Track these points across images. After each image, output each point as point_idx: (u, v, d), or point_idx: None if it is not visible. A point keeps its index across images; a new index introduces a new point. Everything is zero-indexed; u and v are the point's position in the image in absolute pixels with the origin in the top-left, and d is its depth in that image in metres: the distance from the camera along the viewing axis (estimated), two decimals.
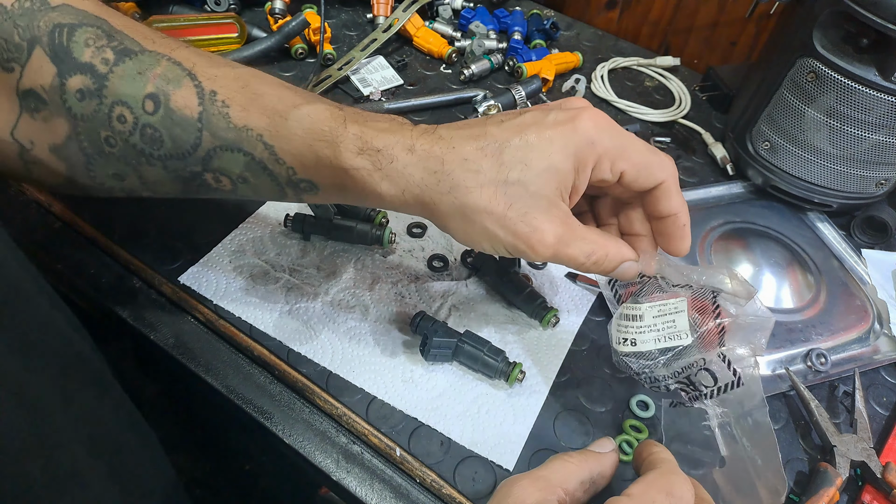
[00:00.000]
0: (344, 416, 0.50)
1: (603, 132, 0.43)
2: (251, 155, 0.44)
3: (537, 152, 0.42)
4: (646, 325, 0.46)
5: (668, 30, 1.01)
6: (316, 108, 0.43)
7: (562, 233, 0.43)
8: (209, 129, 0.43)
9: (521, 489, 0.38)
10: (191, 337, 0.54)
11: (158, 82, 0.43)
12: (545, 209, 0.42)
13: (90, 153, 0.44)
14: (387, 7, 0.88)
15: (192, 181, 0.45)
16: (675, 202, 0.46)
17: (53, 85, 0.42)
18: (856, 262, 0.70)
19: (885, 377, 0.60)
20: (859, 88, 0.62)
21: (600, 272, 0.46)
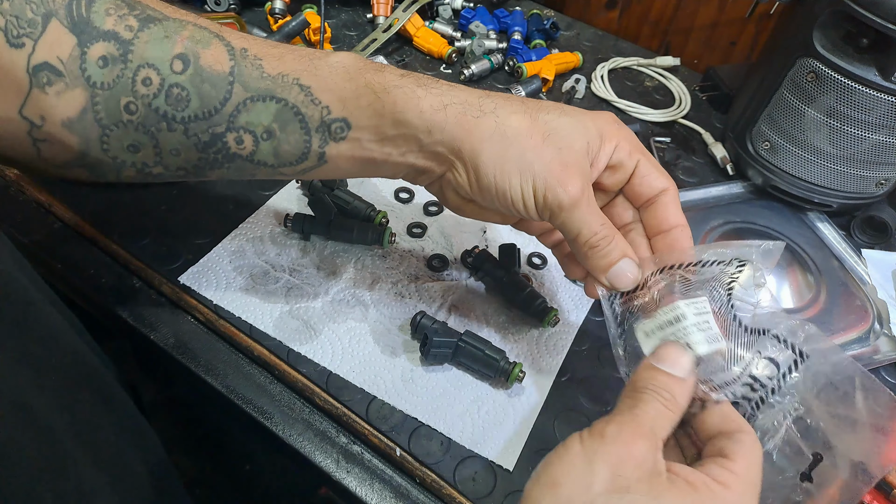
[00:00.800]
0: (344, 415, 0.50)
1: (626, 126, 0.47)
2: (284, 101, 0.44)
3: (572, 111, 0.45)
4: (691, 323, 0.41)
5: (668, 30, 1.01)
6: (350, 53, 0.45)
7: (587, 188, 0.44)
8: (241, 81, 0.43)
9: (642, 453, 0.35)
10: (191, 337, 0.54)
11: (187, 43, 0.43)
12: (576, 156, 0.44)
13: (106, 124, 0.44)
14: (387, 7, 0.88)
15: (212, 145, 0.45)
16: (679, 214, 0.47)
17: (73, 55, 0.42)
18: (856, 262, 0.70)
19: (885, 377, 0.60)
20: (859, 88, 0.62)
21: (601, 260, 0.45)
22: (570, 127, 0.44)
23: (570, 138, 0.44)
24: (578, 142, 0.44)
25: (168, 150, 0.45)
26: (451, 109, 0.43)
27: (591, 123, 0.45)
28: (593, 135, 0.45)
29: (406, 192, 0.68)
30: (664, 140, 0.81)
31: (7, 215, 0.61)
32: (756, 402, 0.41)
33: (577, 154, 0.44)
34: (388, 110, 0.44)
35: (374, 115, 0.44)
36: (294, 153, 0.46)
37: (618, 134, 0.46)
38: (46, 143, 0.44)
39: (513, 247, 0.61)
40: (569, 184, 0.43)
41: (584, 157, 0.44)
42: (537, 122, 0.44)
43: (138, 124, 0.44)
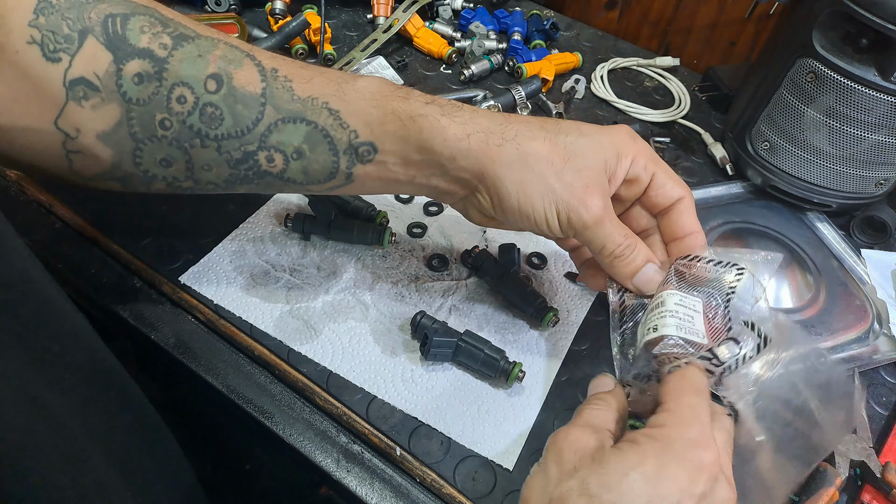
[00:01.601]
0: (344, 415, 0.50)
1: (640, 140, 0.49)
2: (314, 123, 0.45)
3: (589, 130, 0.47)
4: (668, 310, 0.45)
5: (668, 30, 1.01)
6: (380, 78, 0.48)
7: (608, 205, 0.46)
8: (272, 102, 0.45)
9: (580, 439, 0.39)
10: (191, 336, 0.54)
11: (220, 63, 0.44)
12: (595, 176, 0.46)
13: (140, 138, 0.45)
14: (387, 7, 0.88)
15: (243, 162, 0.46)
16: (694, 221, 0.50)
17: (109, 71, 0.43)
18: (855, 262, 0.70)
19: (884, 377, 0.60)
20: (859, 88, 0.62)
21: (626, 267, 0.47)
22: (589, 147, 0.46)
23: (588, 158, 0.46)
24: (597, 161, 0.46)
25: (200, 165, 0.46)
26: (474, 138, 0.45)
27: (608, 141, 0.47)
28: (610, 153, 0.46)
29: None
30: (664, 140, 0.82)
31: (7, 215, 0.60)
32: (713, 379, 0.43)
33: (597, 173, 0.46)
34: (413, 137, 0.45)
35: (400, 141, 0.46)
36: (323, 172, 0.47)
37: (634, 149, 0.48)
38: (79, 154, 0.45)
39: (513, 247, 0.61)
40: (590, 203, 0.45)
41: (602, 176, 0.46)
42: (557, 146, 0.45)
43: (172, 140, 0.45)
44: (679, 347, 0.43)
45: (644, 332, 0.45)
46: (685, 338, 0.43)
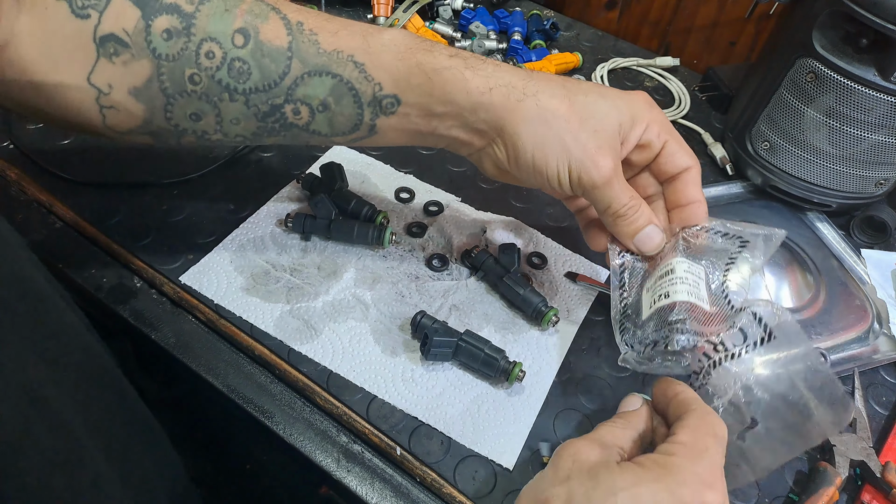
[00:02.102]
0: (344, 415, 0.50)
1: (656, 107, 0.50)
2: (339, 76, 0.46)
3: (609, 93, 0.49)
4: (678, 277, 0.47)
5: (668, 30, 1.01)
6: (403, 31, 0.48)
7: (618, 166, 0.48)
8: (299, 56, 0.46)
9: (582, 451, 0.39)
10: (192, 336, 0.54)
11: (246, 17, 0.45)
12: (609, 137, 0.47)
13: (171, 93, 0.46)
14: (387, 7, 0.88)
15: (271, 115, 0.47)
16: (698, 191, 0.52)
17: (138, 28, 0.44)
18: (855, 262, 0.70)
19: (884, 377, 0.60)
20: (859, 88, 0.62)
21: (629, 227, 0.49)
22: (606, 109, 0.47)
23: (604, 120, 0.47)
24: (612, 124, 0.47)
25: (229, 119, 0.47)
26: (496, 91, 0.46)
27: (625, 105, 0.48)
28: (626, 117, 0.48)
29: (406, 192, 0.68)
30: None
31: (7, 215, 0.61)
32: (715, 361, 0.44)
33: (610, 135, 0.47)
34: (437, 90, 0.47)
35: (424, 94, 0.47)
36: (347, 124, 0.48)
37: (649, 116, 0.49)
38: (113, 110, 0.46)
39: (513, 247, 0.61)
40: (601, 164, 0.47)
41: (616, 138, 0.48)
42: (575, 105, 0.47)
43: (202, 94, 0.46)
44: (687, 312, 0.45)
45: (654, 299, 0.47)
46: (693, 303, 0.45)
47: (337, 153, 0.72)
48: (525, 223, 0.66)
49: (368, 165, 0.70)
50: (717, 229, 0.49)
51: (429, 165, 0.72)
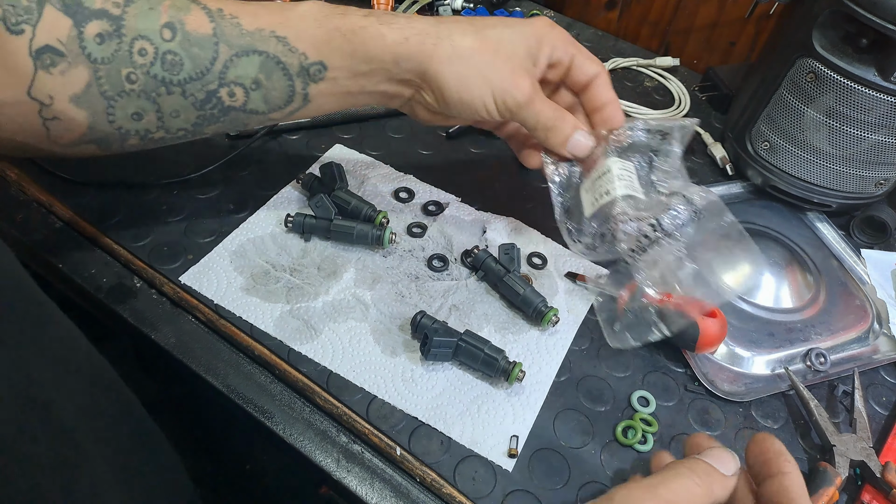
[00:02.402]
0: (344, 415, 0.50)
1: (558, 27, 0.55)
2: (265, 53, 0.49)
3: (510, 23, 0.53)
4: (615, 175, 0.53)
5: (668, 30, 1.01)
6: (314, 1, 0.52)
7: (535, 85, 0.53)
8: (224, 40, 0.48)
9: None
10: (191, 336, 0.54)
11: (170, 12, 0.48)
12: (521, 61, 0.52)
13: (111, 95, 0.48)
14: (387, 7, 0.88)
15: (208, 102, 0.50)
16: (610, 92, 0.57)
17: (71, 35, 0.45)
18: (855, 262, 0.70)
19: (884, 377, 0.60)
20: (859, 88, 0.62)
21: (558, 137, 0.54)
22: (514, 37, 0.52)
23: (514, 47, 0.52)
24: (521, 49, 0.52)
25: (168, 112, 0.49)
26: (412, 40, 0.50)
27: (530, 31, 0.53)
28: (532, 41, 0.53)
29: (406, 192, 0.68)
30: None
31: (7, 215, 0.61)
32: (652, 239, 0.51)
33: (523, 59, 0.52)
34: (358, 50, 0.50)
35: (346, 56, 0.50)
36: (282, 97, 0.51)
37: (553, 36, 0.54)
38: (56, 121, 0.47)
39: (513, 247, 0.61)
40: (521, 85, 0.52)
41: (528, 61, 0.53)
42: (486, 40, 0.51)
43: (140, 92, 0.48)
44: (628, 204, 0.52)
45: (596, 197, 0.54)
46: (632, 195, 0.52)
47: (337, 153, 0.72)
48: (525, 223, 0.66)
49: (368, 165, 0.70)
50: (640, 127, 0.55)
51: (429, 165, 0.72)
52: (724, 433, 0.53)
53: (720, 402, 0.55)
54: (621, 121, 0.57)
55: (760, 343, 0.60)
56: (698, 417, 0.54)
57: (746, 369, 0.58)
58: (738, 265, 0.53)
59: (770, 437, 0.40)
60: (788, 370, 0.57)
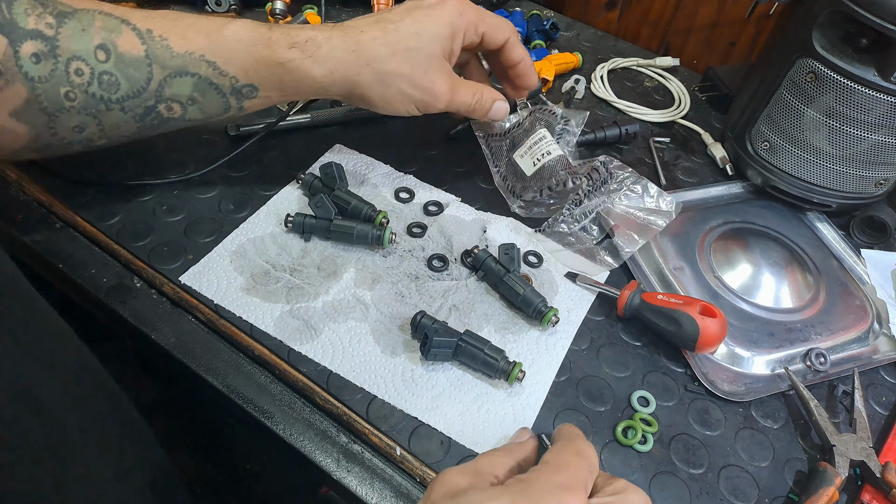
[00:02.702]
0: (344, 415, 0.50)
1: (466, 6, 0.58)
2: (197, 75, 0.52)
3: (425, 25, 0.56)
4: (548, 140, 0.66)
5: (668, 30, 1.01)
6: (244, 22, 0.53)
7: (452, 83, 0.58)
8: (157, 62, 0.50)
9: (452, 479, 0.39)
10: (191, 336, 0.54)
11: (102, 34, 0.49)
12: (438, 68, 0.57)
13: (51, 111, 0.49)
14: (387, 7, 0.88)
15: (147, 115, 0.52)
16: (520, 51, 0.63)
17: (7, 55, 0.46)
18: (855, 262, 0.70)
19: (884, 377, 0.60)
20: (858, 88, 0.62)
21: (481, 112, 0.61)
22: (429, 45, 0.55)
23: (429, 52, 0.56)
24: (437, 50, 0.56)
25: (110, 126, 0.51)
26: (337, 73, 0.54)
27: (442, 29, 0.56)
28: (446, 40, 0.56)
29: (406, 192, 0.68)
30: (664, 140, 0.82)
31: (7, 215, 0.61)
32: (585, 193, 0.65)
33: (439, 63, 0.57)
34: (286, 81, 0.54)
35: (276, 82, 0.54)
36: (218, 110, 0.55)
37: (463, 23, 0.58)
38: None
39: (513, 247, 0.61)
40: (439, 92, 0.57)
41: (443, 62, 0.57)
42: (403, 59, 0.55)
43: (80, 108, 0.49)
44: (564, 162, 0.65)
45: (537, 159, 0.66)
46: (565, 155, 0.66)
47: (337, 153, 0.72)
48: (525, 223, 0.66)
49: (368, 165, 0.70)
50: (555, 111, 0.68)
51: (429, 165, 0.72)
52: (723, 433, 0.53)
53: (720, 402, 0.55)
54: (533, 76, 0.66)
55: (760, 343, 0.60)
56: (698, 417, 0.54)
57: (746, 369, 0.58)
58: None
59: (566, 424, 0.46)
60: (788, 370, 0.57)
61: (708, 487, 0.50)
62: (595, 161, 0.66)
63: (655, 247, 0.65)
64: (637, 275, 0.64)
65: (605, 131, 0.78)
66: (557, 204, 0.67)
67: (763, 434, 0.54)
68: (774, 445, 0.53)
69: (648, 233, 0.64)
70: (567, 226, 0.65)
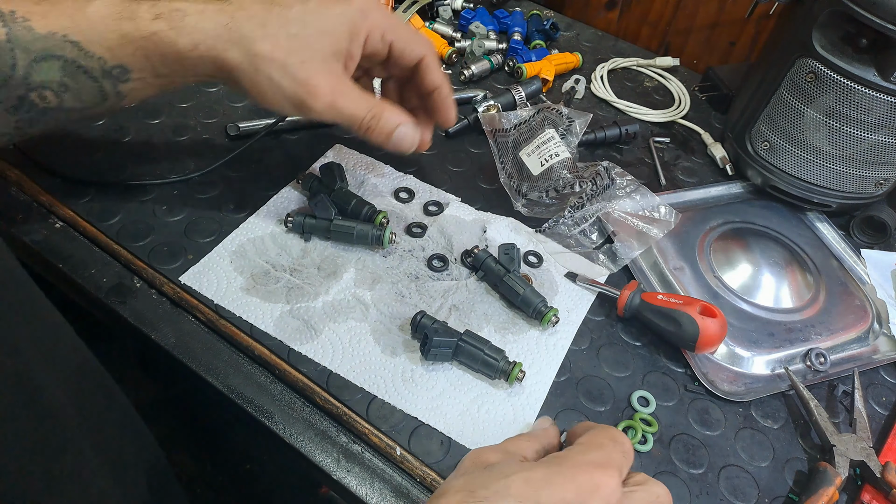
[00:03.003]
0: (344, 415, 0.50)
1: (375, 10, 0.52)
2: (63, 57, 0.47)
3: (317, 16, 0.50)
4: (556, 141, 0.66)
5: (668, 30, 1.01)
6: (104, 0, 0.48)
7: (338, 87, 0.50)
8: (19, 45, 0.46)
9: (481, 453, 0.40)
10: (192, 337, 0.54)
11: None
12: (321, 63, 0.50)
13: None
14: (387, 8, 0.88)
15: (21, 107, 0.48)
16: (437, 75, 0.56)
17: None
18: (855, 262, 0.70)
19: (884, 377, 0.60)
20: (858, 88, 0.62)
21: (380, 136, 0.53)
22: (316, 37, 0.49)
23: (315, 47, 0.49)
24: (325, 48, 0.49)
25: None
26: (203, 47, 0.48)
27: (339, 25, 0.50)
28: (342, 37, 0.50)
29: (406, 192, 0.68)
30: (663, 140, 0.82)
31: (7, 215, 0.61)
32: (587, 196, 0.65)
33: (324, 60, 0.50)
34: (153, 56, 0.49)
35: (144, 59, 0.49)
36: (95, 97, 0.50)
37: (366, 26, 0.51)
38: None
39: (513, 247, 0.61)
40: (318, 92, 0.49)
41: (331, 61, 0.50)
42: (280, 43, 0.49)
43: None
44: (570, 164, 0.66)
45: (545, 159, 0.65)
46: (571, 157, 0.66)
47: (337, 153, 0.72)
48: (525, 223, 0.66)
49: (368, 165, 0.70)
50: (561, 111, 0.68)
51: (429, 165, 0.72)
52: (723, 433, 0.53)
53: (720, 402, 0.55)
54: (451, 112, 0.58)
55: (760, 343, 0.60)
56: (698, 417, 0.54)
57: (746, 369, 0.58)
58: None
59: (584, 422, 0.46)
60: (788, 370, 0.57)
61: (708, 487, 0.50)
62: (598, 166, 0.66)
63: (655, 247, 0.65)
64: (637, 275, 0.64)
65: (605, 131, 0.78)
66: (557, 205, 0.66)
67: (763, 434, 0.54)
68: (774, 445, 0.53)
69: (647, 240, 0.64)
70: (567, 228, 0.65)
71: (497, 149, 0.68)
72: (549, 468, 0.36)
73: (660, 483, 0.39)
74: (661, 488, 0.38)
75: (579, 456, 0.37)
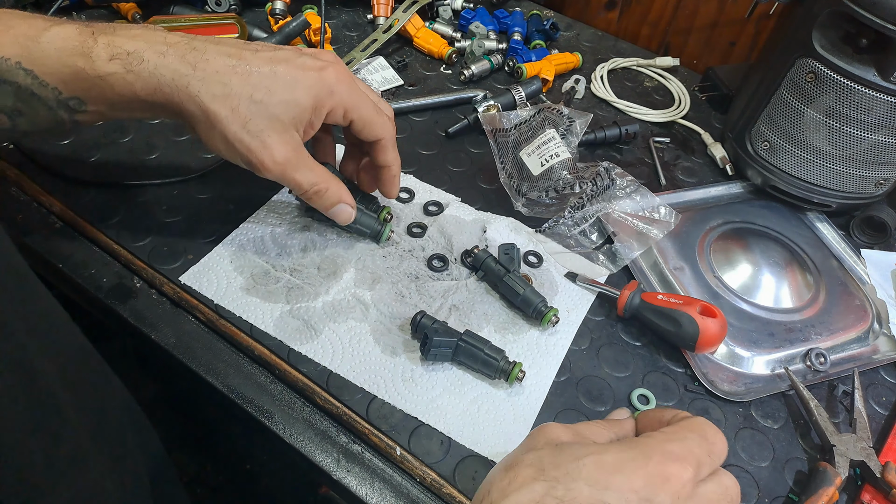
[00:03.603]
0: (344, 415, 0.50)
1: (343, 86, 0.52)
2: (16, 83, 0.46)
3: (282, 84, 0.49)
4: (557, 142, 0.67)
5: (668, 30, 1.01)
6: (64, 27, 0.47)
7: (291, 157, 0.50)
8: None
9: (555, 431, 0.39)
10: (192, 336, 0.54)
11: None
12: (279, 132, 0.49)
13: None
14: (387, 8, 0.88)
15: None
16: (389, 156, 0.57)
17: None
18: (855, 262, 0.70)
19: (884, 377, 0.60)
20: (858, 88, 0.62)
21: (320, 206, 0.55)
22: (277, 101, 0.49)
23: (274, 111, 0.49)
24: (286, 114, 0.49)
25: None
26: (159, 93, 0.47)
27: (303, 96, 0.50)
28: (304, 108, 0.50)
29: (406, 192, 0.68)
30: (663, 140, 0.82)
31: (7, 215, 0.61)
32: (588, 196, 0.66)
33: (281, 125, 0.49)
34: (109, 94, 0.48)
35: (99, 97, 0.48)
36: (50, 122, 0.49)
37: (331, 102, 0.51)
38: None
39: (513, 247, 0.61)
40: (269, 160, 0.49)
41: (291, 128, 0.50)
42: (238, 110, 0.48)
43: None
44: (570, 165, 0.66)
45: (545, 159, 0.66)
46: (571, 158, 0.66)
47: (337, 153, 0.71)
48: (525, 223, 0.66)
49: None
50: (562, 111, 0.68)
51: (429, 165, 0.72)
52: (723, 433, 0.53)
53: (720, 402, 0.55)
54: (394, 190, 0.59)
55: (760, 343, 0.60)
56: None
57: (746, 369, 0.58)
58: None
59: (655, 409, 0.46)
60: (788, 370, 0.57)
61: None
62: (598, 166, 0.66)
63: (655, 247, 0.65)
64: (637, 275, 0.64)
65: (605, 131, 0.78)
66: (557, 205, 0.66)
67: (763, 434, 0.54)
68: (774, 445, 0.53)
69: (647, 241, 0.64)
70: (567, 228, 0.65)
71: (497, 149, 0.69)
72: (622, 453, 0.35)
73: (729, 474, 0.38)
74: (731, 479, 0.38)
75: (657, 444, 0.37)
